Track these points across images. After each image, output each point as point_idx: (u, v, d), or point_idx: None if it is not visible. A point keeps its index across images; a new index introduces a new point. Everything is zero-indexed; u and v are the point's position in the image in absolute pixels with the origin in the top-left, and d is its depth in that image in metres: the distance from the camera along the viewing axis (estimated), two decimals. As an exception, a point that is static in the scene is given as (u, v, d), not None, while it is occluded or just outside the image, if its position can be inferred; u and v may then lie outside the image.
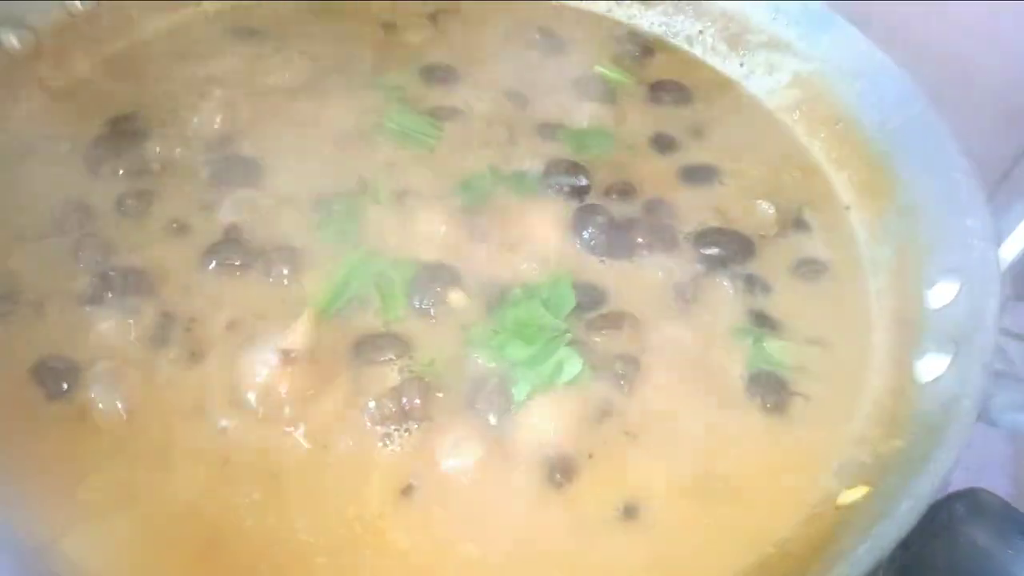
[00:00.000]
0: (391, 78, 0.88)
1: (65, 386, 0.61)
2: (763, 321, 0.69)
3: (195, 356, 0.63)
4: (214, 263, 0.69)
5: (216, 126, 0.78)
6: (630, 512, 0.58)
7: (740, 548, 0.57)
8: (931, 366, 0.60)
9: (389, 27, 0.94)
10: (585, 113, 0.86)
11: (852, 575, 0.47)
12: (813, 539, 0.55)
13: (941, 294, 0.65)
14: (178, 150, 0.76)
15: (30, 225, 0.69)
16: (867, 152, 0.80)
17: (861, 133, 0.81)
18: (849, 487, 0.56)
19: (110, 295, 0.65)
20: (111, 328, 0.63)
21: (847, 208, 0.80)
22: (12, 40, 0.78)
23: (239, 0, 0.94)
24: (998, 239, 0.64)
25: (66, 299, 0.65)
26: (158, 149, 0.76)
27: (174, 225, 0.71)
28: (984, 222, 0.66)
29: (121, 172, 0.74)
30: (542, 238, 0.74)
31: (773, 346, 0.67)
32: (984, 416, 0.56)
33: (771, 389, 0.65)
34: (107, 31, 0.86)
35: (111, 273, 0.66)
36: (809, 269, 0.74)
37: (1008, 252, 0.63)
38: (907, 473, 0.54)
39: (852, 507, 0.55)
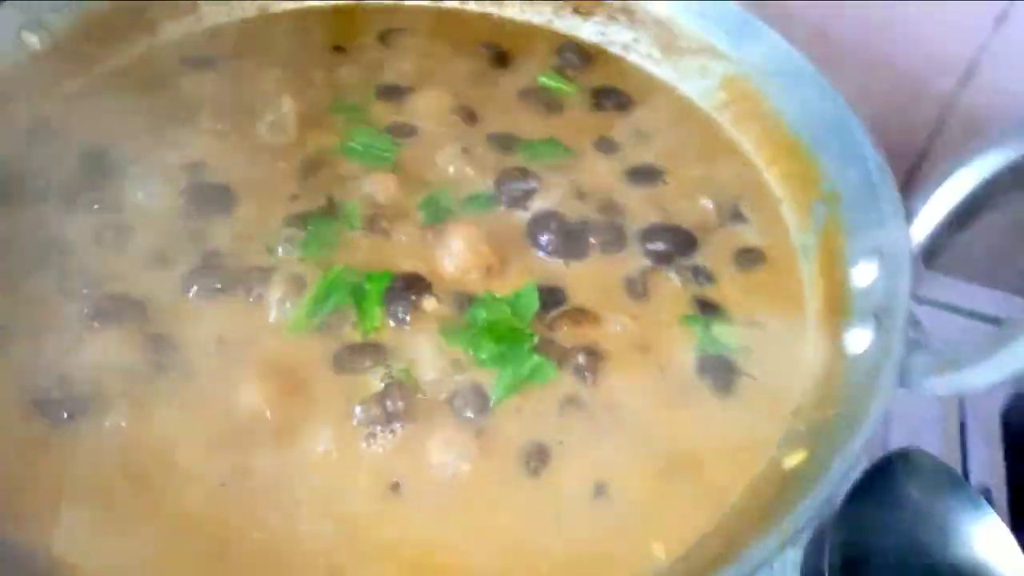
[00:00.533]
0: (347, 99, 0.93)
1: (66, 415, 0.65)
2: (709, 308, 0.76)
3: (188, 376, 0.67)
4: (195, 288, 0.73)
5: (186, 157, 0.82)
6: (600, 490, 0.64)
7: (700, 515, 0.64)
8: (857, 340, 0.68)
9: (340, 50, 0.99)
10: (533, 123, 0.93)
11: (795, 527, 0.54)
12: (762, 502, 0.62)
13: (863, 274, 0.72)
14: (151, 183, 0.80)
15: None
16: (793, 147, 0.88)
17: (786, 129, 0.89)
18: (789, 454, 0.63)
19: (98, 323, 0.69)
20: (105, 354, 0.67)
21: (779, 200, 0.88)
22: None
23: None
24: (909, 220, 0.72)
25: (58, 329, 0.69)
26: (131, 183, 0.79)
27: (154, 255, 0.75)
28: (895, 207, 0.73)
29: (96, 207, 0.78)
30: (503, 246, 0.80)
31: (719, 330, 0.74)
32: (904, 381, 0.63)
33: (720, 371, 0.72)
34: (66, 70, 0.89)
35: (101, 302, 0.70)
36: (748, 258, 0.82)
37: (918, 232, 0.71)
38: (839, 438, 0.61)
39: (794, 471, 0.62)
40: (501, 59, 1.00)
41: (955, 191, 0.70)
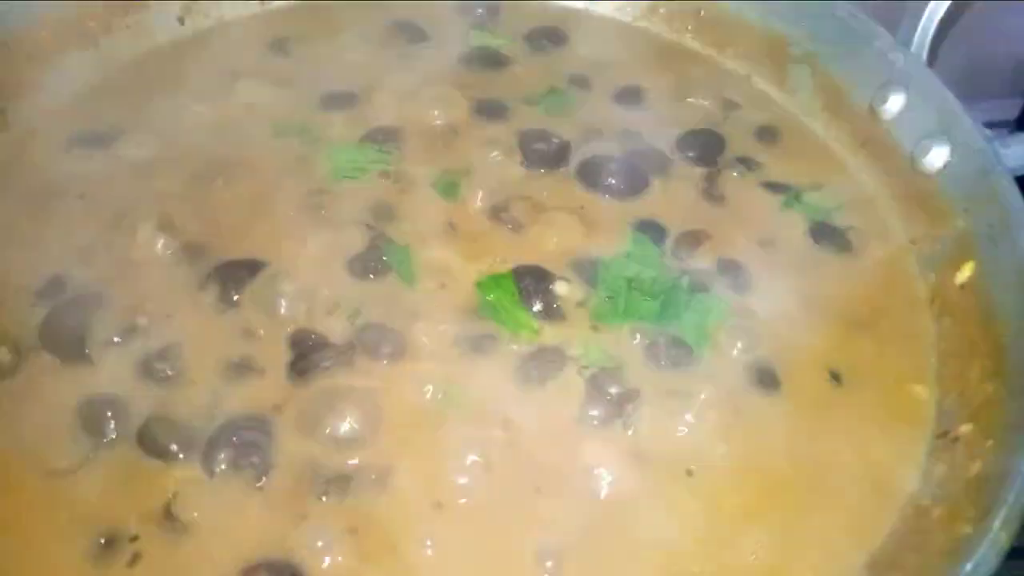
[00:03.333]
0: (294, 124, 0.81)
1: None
2: (779, 187, 0.79)
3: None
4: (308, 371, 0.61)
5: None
6: (835, 377, 0.66)
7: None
8: (936, 156, 0.75)
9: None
10: (494, 82, 0.88)
11: None
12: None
13: (895, 105, 0.79)
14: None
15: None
16: (739, 24, 0.92)
17: (723, 9, 0.93)
18: (958, 268, 0.69)
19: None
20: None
21: (748, 76, 0.92)
22: None
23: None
24: (909, 44, 0.80)
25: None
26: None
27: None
28: (887, 40, 0.81)
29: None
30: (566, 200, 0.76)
31: (811, 197, 0.77)
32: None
33: (828, 232, 0.76)
34: None
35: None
36: (766, 134, 0.86)
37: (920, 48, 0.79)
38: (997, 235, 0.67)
39: (969, 283, 0.68)
40: (420, 35, 0.93)
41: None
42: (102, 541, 0.52)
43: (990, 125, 0.78)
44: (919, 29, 0.80)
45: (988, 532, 0.47)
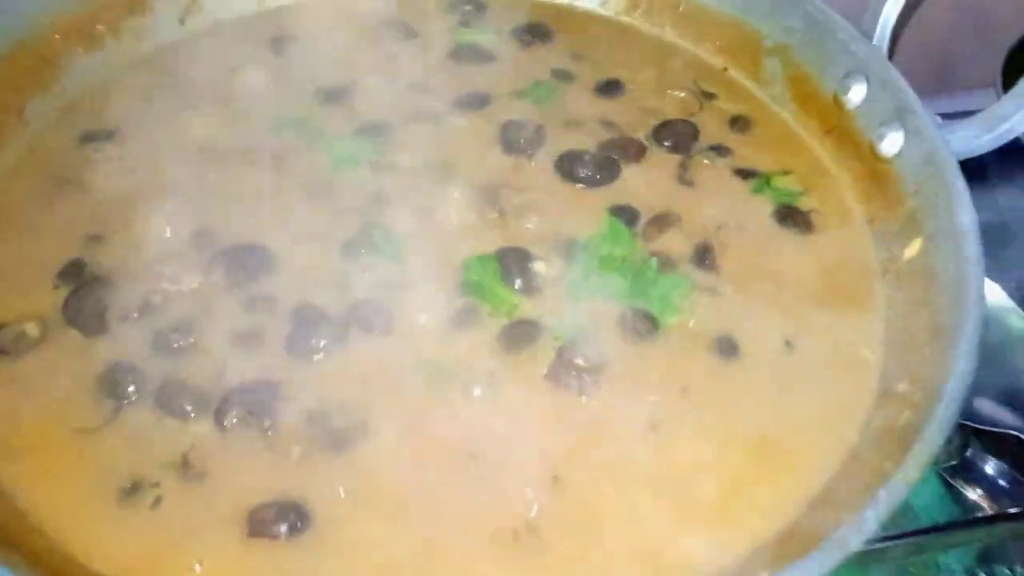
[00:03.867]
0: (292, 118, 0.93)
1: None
2: (749, 173, 0.90)
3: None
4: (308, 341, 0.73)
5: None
6: (789, 344, 0.77)
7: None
8: (892, 143, 0.86)
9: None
10: (481, 78, 0.99)
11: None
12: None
13: (857, 95, 0.91)
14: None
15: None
16: (716, 19, 1.04)
17: (700, 5, 1.05)
18: (907, 246, 0.80)
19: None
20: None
21: (724, 69, 1.04)
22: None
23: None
24: (869, 35, 0.91)
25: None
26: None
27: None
28: (850, 32, 0.92)
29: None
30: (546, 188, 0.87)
31: (779, 182, 0.88)
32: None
33: (793, 215, 0.87)
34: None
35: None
36: (741, 123, 0.97)
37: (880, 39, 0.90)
38: (931, 214, 0.78)
39: (914, 258, 0.79)
40: (408, 32, 1.04)
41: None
42: (128, 487, 0.64)
43: (948, 116, 0.90)
44: (880, 21, 0.92)
45: (902, 466, 0.58)
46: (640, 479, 0.67)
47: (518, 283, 0.78)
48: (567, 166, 0.89)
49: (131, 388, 0.69)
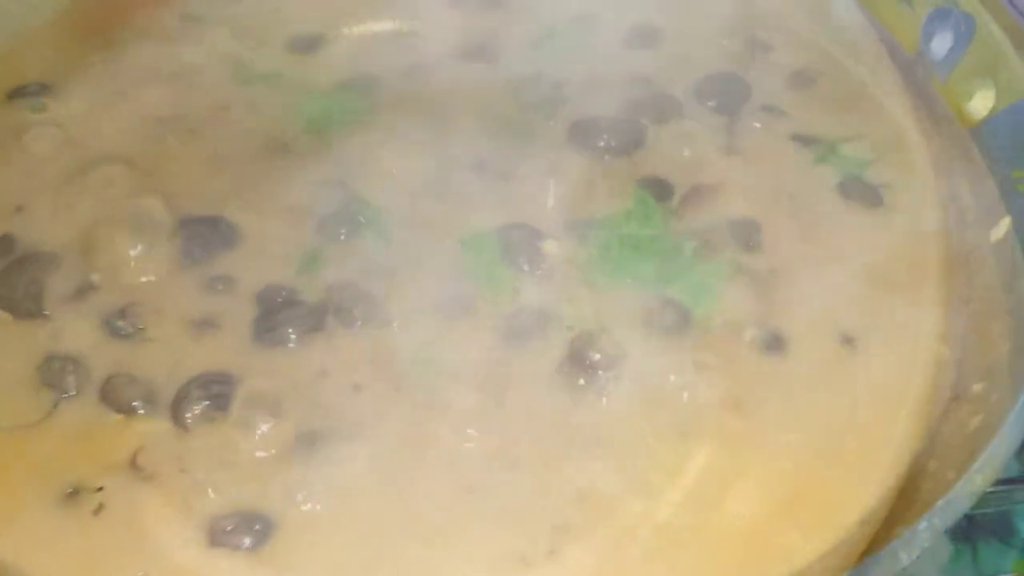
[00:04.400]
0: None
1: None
2: (809, 140, 0.97)
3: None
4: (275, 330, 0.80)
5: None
6: (847, 341, 0.83)
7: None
8: (981, 103, 0.92)
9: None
10: (494, 21, 1.07)
11: None
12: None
13: (940, 47, 0.97)
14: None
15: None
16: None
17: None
18: (995, 224, 0.86)
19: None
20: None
21: (785, 13, 1.10)
22: None
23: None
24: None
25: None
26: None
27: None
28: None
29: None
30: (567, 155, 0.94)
31: (846, 149, 0.95)
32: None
33: (860, 188, 0.93)
34: None
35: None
36: (801, 79, 1.03)
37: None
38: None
39: (1001, 241, 0.85)
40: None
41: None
42: (68, 491, 0.71)
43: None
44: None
45: (966, 476, 0.64)
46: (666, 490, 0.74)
47: (524, 266, 0.85)
48: (591, 126, 0.96)
49: (71, 379, 0.77)
